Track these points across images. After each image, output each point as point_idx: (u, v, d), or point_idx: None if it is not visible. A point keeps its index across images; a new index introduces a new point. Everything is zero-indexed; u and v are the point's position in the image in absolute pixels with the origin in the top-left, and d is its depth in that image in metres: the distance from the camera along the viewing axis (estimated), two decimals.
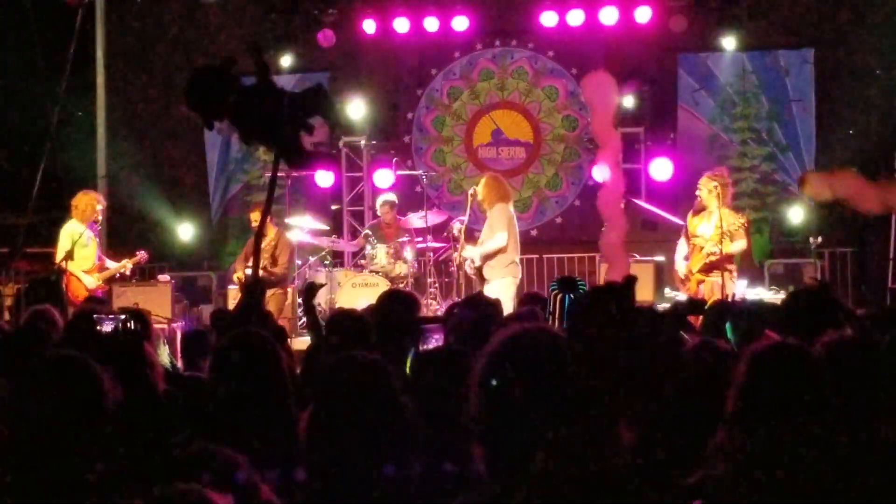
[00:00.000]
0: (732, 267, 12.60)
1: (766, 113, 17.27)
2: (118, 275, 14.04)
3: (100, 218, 13.70)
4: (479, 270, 13.37)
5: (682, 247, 12.80)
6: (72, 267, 13.04)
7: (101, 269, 13.56)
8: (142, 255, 14.03)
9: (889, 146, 15.81)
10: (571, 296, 8.87)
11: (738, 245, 12.27)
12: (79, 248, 13.12)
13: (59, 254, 13.12)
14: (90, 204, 13.37)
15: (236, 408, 4.27)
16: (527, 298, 8.98)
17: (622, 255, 11.87)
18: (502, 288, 12.75)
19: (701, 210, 12.52)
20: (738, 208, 13.65)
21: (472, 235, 14.99)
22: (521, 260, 16.77)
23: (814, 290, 6.14)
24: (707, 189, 12.30)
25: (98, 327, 5.12)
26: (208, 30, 17.46)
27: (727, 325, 6.01)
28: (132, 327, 5.11)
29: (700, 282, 12.38)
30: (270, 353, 4.39)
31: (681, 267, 12.65)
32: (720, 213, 12.05)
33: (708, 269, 12.30)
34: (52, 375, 3.61)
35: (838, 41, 16.96)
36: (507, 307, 9.61)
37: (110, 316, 5.28)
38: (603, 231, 11.52)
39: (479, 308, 6.72)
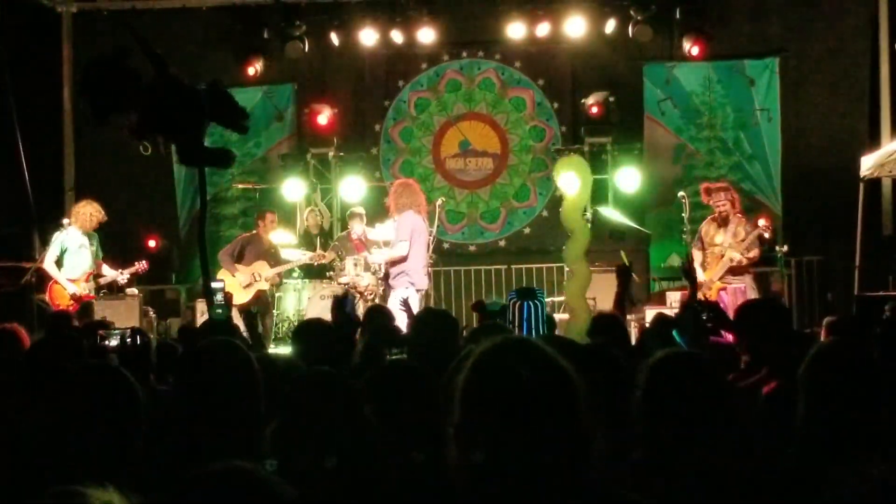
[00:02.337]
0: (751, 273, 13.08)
1: (732, 122, 17.37)
2: (118, 282, 14.09)
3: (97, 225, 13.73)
4: (385, 276, 13.45)
5: (697, 257, 13.10)
6: (55, 272, 13.14)
7: (96, 276, 13.60)
8: (141, 265, 14.08)
9: (854, 154, 15.92)
10: (530, 303, 8.96)
11: (755, 252, 12.79)
12: (69, 255, 13.27)
13: (47, 259, 13.22)
14: (88, 212, 13.48)
15: (205, 418, 4.29)
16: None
17: (584, 266, 11.98)
18: (396, 298, 12.76)
19: (721, 220, 12.91)
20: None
21: (440, 246, 15.05)
22: (489, 270, 16.90)
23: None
24: (728, 201, 12.89)
25: (105, 342, 5.10)
26: (176, 42, 17.41)
27: (674, 333, 6.07)
28: (138, 343, 5.09)
29: (721, 289, 12.69)
30: (242, 361, 4.42)
31: (701, 275, 12.93)
32: (734, 219, 12.73)
33: (731, 273, 12.74)
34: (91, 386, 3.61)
35: (803, 51, 17.09)
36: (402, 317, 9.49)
37: (115, 331, 5.26)
38: (567, 242, 11.60)
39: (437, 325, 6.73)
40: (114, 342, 4.92)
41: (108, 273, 13.81)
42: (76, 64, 17.88)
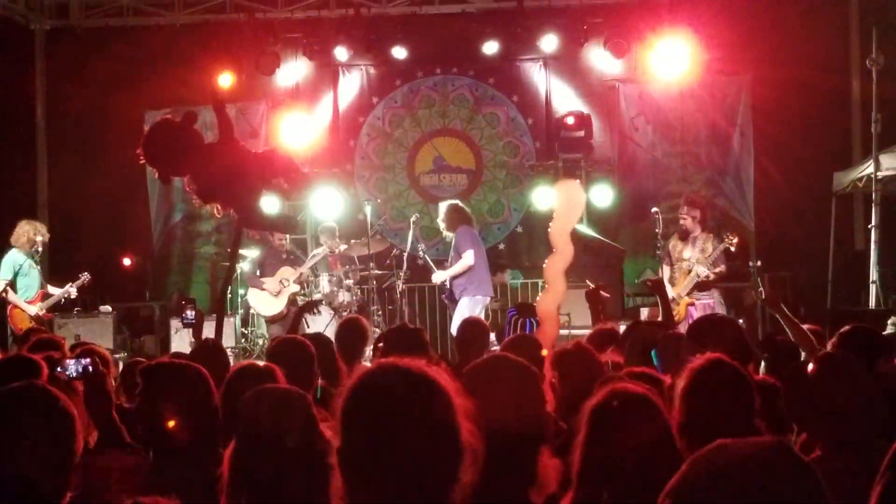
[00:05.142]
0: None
1: (705, 138, 17.41)
2: (63, 300, 13.98)
3: (39, 249, 13.60)
4: (450, 293, 13.49)
5: (666, 272, 13.11)
6: (13, 297, 13.03)
7: (44, 297, 13.50)
8: (85, 276, 13.96)
9: (826, 170, 15.99)
10: (532, 321, 8.95)
11: (722, 267, 12.85)
12: (20, 277, 13.15)
13: (2, 285, 13.09)
14: (28, 232, 13.33)
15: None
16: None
17: (562, 282, 12.01)
18: (470, 306, 12.89)
19: (685, 236, 12.97)
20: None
21: (414, 262, 15.06)
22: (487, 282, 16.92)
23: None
24: (692, 217, 12.93)
25: (59, 370, 4.95)
26: (151, 59, 17.41)
27: (652, 353, 6.06)
28: (98, 370, 4.99)
29: (690, 304, 12.71)
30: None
31: (668, 291, 12.94)
32: (702, 235, 12.80)
33: (699, 288, 12.77)
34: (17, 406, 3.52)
35: (775, 66, 17.13)
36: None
37: (73, 360, 5.10)
38: (549, 257, 11.66)
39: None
40: (71, 371, 4.80)
41: (55, 292, 13.74)
42: (49, 81, 17.86)
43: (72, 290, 13.80)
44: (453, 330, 13.02)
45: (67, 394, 3.78)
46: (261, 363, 5.32)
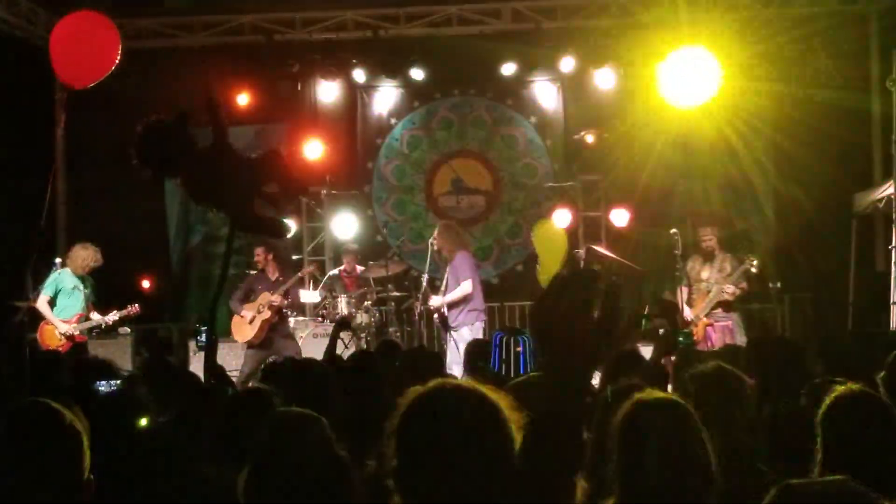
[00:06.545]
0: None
1: (723, 157, 17.30)
2: (103, 325, 14.05)
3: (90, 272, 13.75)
4: (444, 319, 13.42)
5: (684, 294, 13.10)
6: (47, 311, 13.19)
7: (81, 320, 13.58)
8: (133, 308, 14.02)
9: (847, 190, 15.90)
10: (522, 338, 8.89)
11: (744, 285, 12.87)
12: (62, 296, 13.31)
13: (40, 299, 13.24)
14: (81, 256, 13.54)
15: None
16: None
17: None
18: (472, 333, 12.84)
19: (706, 256, 12.96)
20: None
21: (433, 285, 15.02)
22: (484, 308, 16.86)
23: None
24: (717, 238, 13.07)
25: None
26: (169, 81, 17.40)
27: None
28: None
29: (708, 325, 12.68)
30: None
31: (687, 312, 12.92)
32: (721, 255, 12.89)
33: (721, 306, 12.76)
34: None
35: (795, 86, 17.05)
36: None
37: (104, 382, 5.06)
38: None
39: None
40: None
41: (95, 317, 13.80)
42: (69, 105, 17.88)
43: (114, 316, 13.92)
44: (451, 359, 12.78)
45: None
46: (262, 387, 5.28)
